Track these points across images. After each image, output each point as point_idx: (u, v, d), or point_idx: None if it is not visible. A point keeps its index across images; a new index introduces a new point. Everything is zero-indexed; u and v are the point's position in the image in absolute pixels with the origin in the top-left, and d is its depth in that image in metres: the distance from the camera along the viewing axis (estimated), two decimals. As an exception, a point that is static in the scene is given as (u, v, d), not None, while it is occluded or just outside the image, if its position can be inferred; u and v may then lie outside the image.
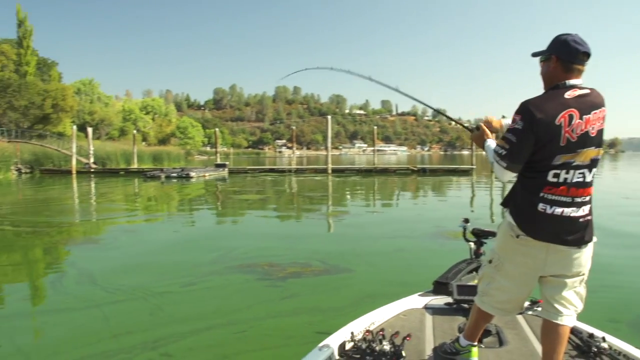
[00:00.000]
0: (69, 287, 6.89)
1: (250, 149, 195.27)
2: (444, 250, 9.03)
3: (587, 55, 2.61)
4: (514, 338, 3.43)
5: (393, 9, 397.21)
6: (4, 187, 28.35)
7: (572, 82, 2.60)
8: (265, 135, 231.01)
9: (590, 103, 2.58)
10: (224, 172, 37.98)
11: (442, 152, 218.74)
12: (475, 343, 3.08)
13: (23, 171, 41.03)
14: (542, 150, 2.54)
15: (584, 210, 2.62)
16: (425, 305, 4.04)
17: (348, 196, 21.88)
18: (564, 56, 2.61)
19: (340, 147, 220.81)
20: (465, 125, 3.27)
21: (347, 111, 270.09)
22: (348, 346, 3.18)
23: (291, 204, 18.72)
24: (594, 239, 2.70)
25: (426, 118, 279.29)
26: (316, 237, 11.29)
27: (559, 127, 2.51)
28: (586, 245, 2.66)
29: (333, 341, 3.16)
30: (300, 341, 4.79)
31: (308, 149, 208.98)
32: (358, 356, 3.05)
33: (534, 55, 2.79)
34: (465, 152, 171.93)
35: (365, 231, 11.69)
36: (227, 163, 42.39)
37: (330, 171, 36.85)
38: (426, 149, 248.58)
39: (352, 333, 3.24)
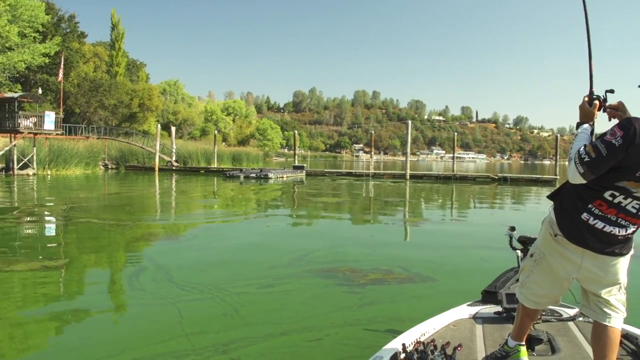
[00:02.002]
0: (145, 283, 6.85)
1: (327, 152, 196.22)
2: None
3: None
4: (566, 345, 3.37)
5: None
6: (92, 181, 29.56)
7: None
8: (343, 139, 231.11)
9: None
10: (302, 174, 38.06)
11: (522, 161, 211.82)
12: (523, 343, 3.07)
13: (110, 167, 42.75)
14: (617, 170, 2.47)
15: (627, 230, 2.59)
16: (475, 315, 4.00)
17: (427, 203, 21.34)
18: None
19: (418, 153, 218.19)
20: (592, 88, 2.83)
21: (425, 117, 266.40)
22: (400, 357, 3.15)
23: (369, 208, 18.38)
24: (632, 251, 2.68)
25: (507, 126, 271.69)
26: (397, 243, 10.91)
27: None
28: (623, 256, 2.65)
29: (385, 353, 3.14)
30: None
31: (385, 154, 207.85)
32: None
33: None
34: (547, 162, 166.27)
35: (447, 239, 11.20)
36: (304, 165, 42.52)
37: (408, 177, 36.25)
38: (506, 157, 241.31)
39: (403, 344, 3.19)
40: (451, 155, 45.79)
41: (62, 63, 42.51)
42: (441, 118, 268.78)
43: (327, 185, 29.61)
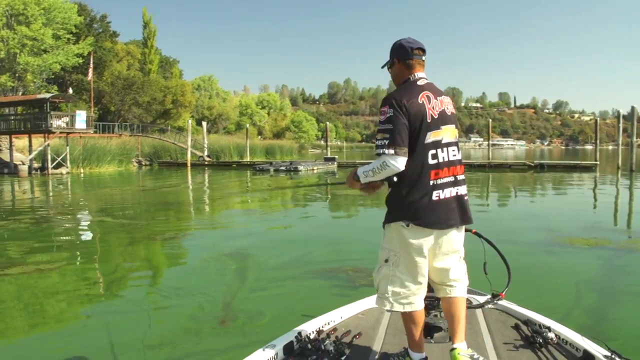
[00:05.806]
0: (124, 289, 6.57)
1: (364, 143, 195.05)
2: (559, 261, 7.78)
3: (421, 50, 2.84)
4: (466, 332, 3.21)
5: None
6: (125, 178, 29.82)
7: (418, 74, 2.82)
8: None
9: (437, 89, 2.83)
10: (333, 166, 37.65)
11: (563, 147, 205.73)
12: (424, 355, 2.90)
13: (143, 163, 43.14)
14: (414, 129, 2.64)
15: (465, 188, 2.82)
16: None
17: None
18: (402, 57, 2.84)
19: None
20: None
21: (462, 104, 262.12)
22: (295, 346, 3.07)
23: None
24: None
25: (546, 111, 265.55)
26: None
27: (422, 104, 2.68)
28: (467, 223, 2.87)
29: (280, 341, 3.06)
30: None
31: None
32: (302, 356, 2.96)
33: (383, 67, 3.00)
34: (589, 147, 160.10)
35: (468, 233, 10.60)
36: (336, 157, 42.07)
37: (441, 166, 35.48)
38: (546, 143, 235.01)
39: (299, 333, 3.17)
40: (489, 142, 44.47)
41: (92, 62, 42.96)
42: (478, 105, 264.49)
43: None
